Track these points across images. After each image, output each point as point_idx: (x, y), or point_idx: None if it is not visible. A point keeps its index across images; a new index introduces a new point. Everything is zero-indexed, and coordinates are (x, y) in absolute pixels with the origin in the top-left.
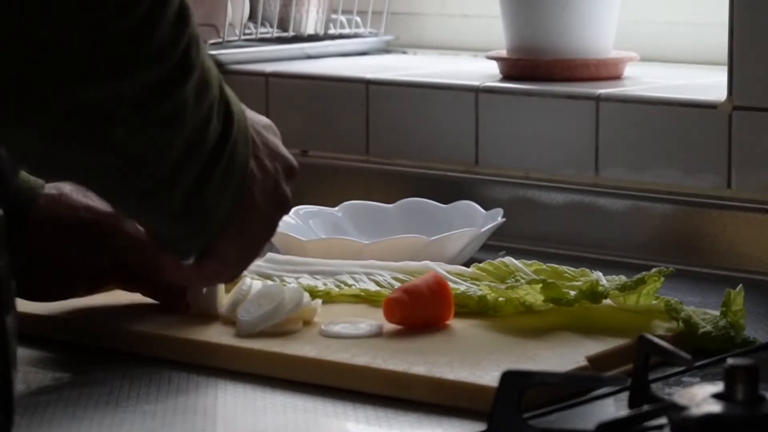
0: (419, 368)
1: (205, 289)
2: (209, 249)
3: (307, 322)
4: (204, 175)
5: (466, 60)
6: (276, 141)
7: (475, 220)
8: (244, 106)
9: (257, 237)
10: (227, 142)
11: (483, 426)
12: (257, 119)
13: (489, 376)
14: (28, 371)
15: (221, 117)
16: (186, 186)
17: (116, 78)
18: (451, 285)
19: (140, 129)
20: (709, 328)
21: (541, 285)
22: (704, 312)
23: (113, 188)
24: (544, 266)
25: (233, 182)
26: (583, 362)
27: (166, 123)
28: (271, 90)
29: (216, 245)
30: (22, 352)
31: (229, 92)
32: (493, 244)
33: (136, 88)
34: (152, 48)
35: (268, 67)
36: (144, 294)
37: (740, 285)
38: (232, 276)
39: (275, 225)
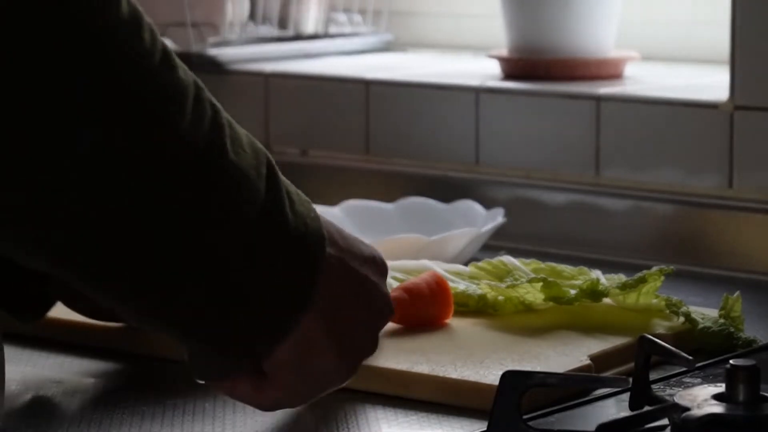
0: (422, 367)
1: None
2: (263, 365)
3: None
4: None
5: (466, 59)
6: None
7: (475, 220)
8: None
9: (350, 350)
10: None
11: (484, 425)
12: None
13: (493, 375)
14: (26, 372)
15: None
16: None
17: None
18: (450, 284)
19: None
20: (708, 323)
21: (541, 284)
22: (702, 314)
23: (111, 280)
24: (542, 265)
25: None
26: (586, 361)
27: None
28: (271, 90)
29: (271, 358)
30: (20, 352)
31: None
32: (493, 244)
33: None
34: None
35: (268, 67)
36: None
37: (737, 292)
38: (294, 403)
39: (375, 335)
